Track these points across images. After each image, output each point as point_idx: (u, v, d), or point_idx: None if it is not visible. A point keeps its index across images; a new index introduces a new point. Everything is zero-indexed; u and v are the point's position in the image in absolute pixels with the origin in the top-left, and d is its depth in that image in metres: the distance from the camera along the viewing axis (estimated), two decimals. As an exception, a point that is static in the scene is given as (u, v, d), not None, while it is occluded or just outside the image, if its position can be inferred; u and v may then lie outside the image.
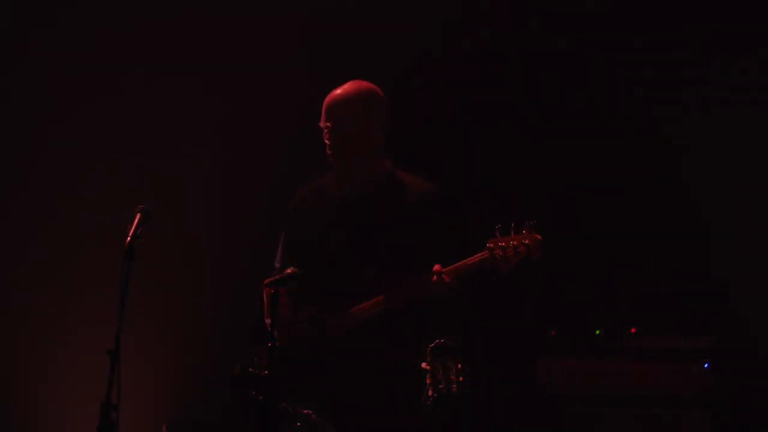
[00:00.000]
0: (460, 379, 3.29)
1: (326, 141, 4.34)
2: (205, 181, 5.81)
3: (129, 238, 3.54)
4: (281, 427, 3.65)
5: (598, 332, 5.20)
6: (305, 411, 3.68)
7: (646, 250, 5.43)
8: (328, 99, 4.38)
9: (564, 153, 5.56)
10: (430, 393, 3.31)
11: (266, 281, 3.74)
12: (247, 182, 5.70)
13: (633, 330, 5.15)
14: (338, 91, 4.37)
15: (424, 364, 3.34)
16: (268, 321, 4.30)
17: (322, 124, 4.36)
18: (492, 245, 4.00)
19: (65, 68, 5.87)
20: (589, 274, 5.46)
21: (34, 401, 5.83)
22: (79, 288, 5.76)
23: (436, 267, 4.05)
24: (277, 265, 4.48)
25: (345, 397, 4.16)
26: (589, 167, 5.52)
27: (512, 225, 4.01)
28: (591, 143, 5.53)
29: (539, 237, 3.98)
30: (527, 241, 3.96)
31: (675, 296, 5.33)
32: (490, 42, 5.65)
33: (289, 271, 3.73)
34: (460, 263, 4.06)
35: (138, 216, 3.63)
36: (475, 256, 4.04)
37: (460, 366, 3.31)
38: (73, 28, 5.86)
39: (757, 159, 5.27)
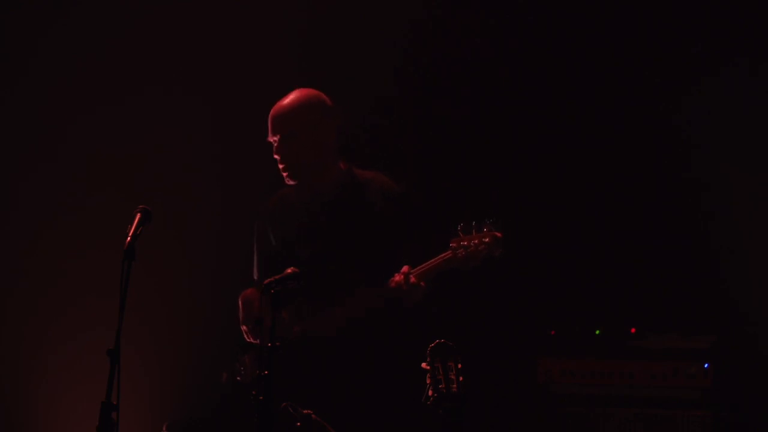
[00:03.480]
0: (460, 378, 3.29)
1: (276, 156, 4.33)
2: (204, 182, 5.82)
3: (129, 239, 3.54)
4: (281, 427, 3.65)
5: (598, 332, 5.20)
6: (305, 411, 3.68)
7: (646, 249, 5.43)
8: (274, 111, 4.35)
9: (563, 152, 5.56)
10: (430, 393, 3.31)
11: (266, 281, 3.75)
12: (246, 184, 5.70)
13: (633, 330, 5.15)
14: (284, 101, 4.36)
15: (424, 364, 3.34)
16: (243, 328, 4.32)
17: (270, 139, 4.34)
18: (455, 245, 4.05)
19: (65, 73, 5.89)
20: (590, 274, 5.46)
21: (34, 401, 5.84)
22: (79, 288, 5.76)
23: (405, 268, 4.07)
24: (255, 277, 4.50)
25: (345, 397, 4.16)
26: (589, 166, 5.52)
27: (473, 223, 4.05)
28: (590, 143, 5.53)
29: (499, 234, 4.03)
30: (487, 239, 4.01)
31: (675, 296, 5.33)
32: (481, 39, 5.66)
33: (289, 271, 3.74)
34: (425, 264, 4.09)
35: (138, 216, 3.63)
36: (439, 256, 4.09)
37: (460, 366, 3.32)
38: (73, 34, 5.88)
39: (758, 158, 5.27)
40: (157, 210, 3.70)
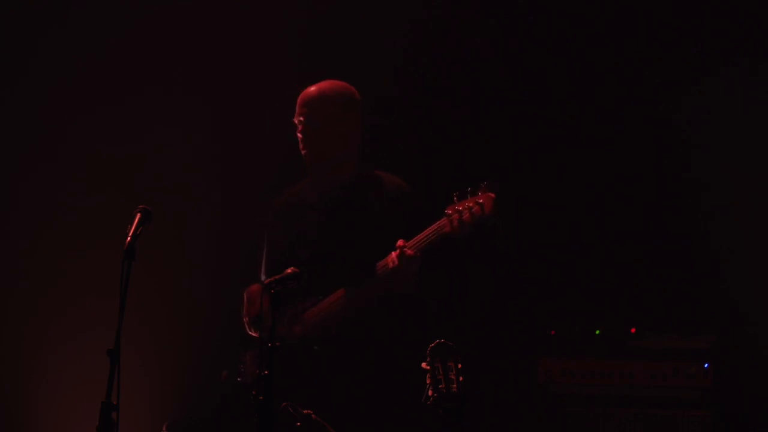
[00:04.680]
0: (460, 378, 3.29)
1: (299, 135, 4.35)
2: (204, 182, 5.82)
3: (129, 239, 3.54)
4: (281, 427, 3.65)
5: (598, 332, 5.20)
6: (305, 411, 3.68)
7: (646, 249, 5.43)
8: (303, 95, 4.38)
9: (563, 152, 5.56)
10: (430, 393, 3.30)
11: (266, 281, 3.75)
12: (246, 184, 5.70)
13: (633, 330, 5.15)
14: (313, 88, 4.38)
15: (424, 364, 3.34)
16: (245, 319, 4.33)
17: (296, 120, 4.37)
18: (450, 211, 4.06)
19: (65, 73, 5.89)
20: (590, 274, 5.46)
21: (34, 401, 5.84)
22: (79, 288, 5.76)
23: (400, 242, 4.09)
24: (262, 277, 4.50)
25: (345, 397, 4.16)
26: (589, 166, 5.52)
27: (468, 189, 4.07)
28: (590, 143, 5.53)
29: (492, 195, 4.03)
30: (481, 200, 4.02)
31: (675, 296, 5.33)
32: (481, 39, 5.66)
33: (288, 270, 3.74)
34: (420, 235, 4.10)
35: (138, 216, 3.63)
36: (434, 224, 4.09)
37: (460, 366, 3.32)
38: (73, 34, 5.88)
39: (758, 158, 5.27)
40: (157, 210, 3.70)
